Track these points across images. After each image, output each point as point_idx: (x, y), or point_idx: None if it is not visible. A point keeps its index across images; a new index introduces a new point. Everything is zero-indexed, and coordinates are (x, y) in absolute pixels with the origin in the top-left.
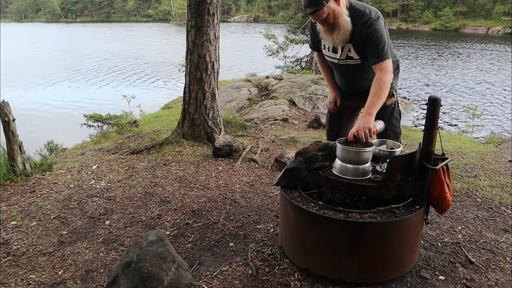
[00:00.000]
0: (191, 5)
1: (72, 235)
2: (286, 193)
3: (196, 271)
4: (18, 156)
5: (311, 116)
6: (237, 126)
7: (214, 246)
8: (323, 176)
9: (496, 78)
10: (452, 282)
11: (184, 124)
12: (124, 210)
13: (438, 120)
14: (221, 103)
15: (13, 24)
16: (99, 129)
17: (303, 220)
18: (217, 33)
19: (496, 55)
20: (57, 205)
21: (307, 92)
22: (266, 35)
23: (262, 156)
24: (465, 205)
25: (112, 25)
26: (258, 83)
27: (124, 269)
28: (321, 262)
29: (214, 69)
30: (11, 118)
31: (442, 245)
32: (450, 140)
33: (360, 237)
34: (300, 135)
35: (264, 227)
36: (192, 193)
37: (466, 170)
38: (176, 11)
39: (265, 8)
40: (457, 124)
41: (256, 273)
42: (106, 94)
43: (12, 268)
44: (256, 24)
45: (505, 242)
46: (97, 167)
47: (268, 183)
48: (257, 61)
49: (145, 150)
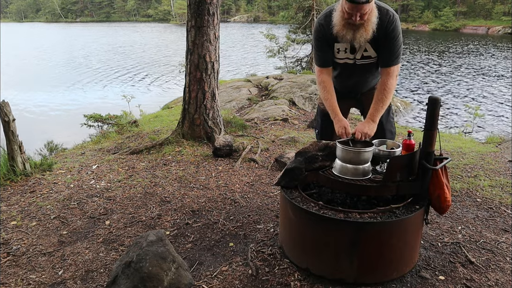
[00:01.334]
0: (191, 5)
1: (72, 235)
2: (286, 193)
3: (196, 271)
4: (18, 156)
5: (311, 116)
6: (237, 126)
7: (214, 246)
8: (323, 176)
9: (496, 78)
10: (452, 282)
11: (184, 124)
12: (124, 210)
13: (438, 120)
14: (221, 103)
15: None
16: (99, 129)
17: (303, 220)
18: (217, 33)
19: (496, 55)
20: (57, 205)
21: (307, 92)
22: (266, 35)
23: (262, 156)
24: (465, 205)
25: (113, 24)
26: (258, 83)
27: (124, 269)
28: (321, 262)
29: (214, 69)
30: (11, 118)
31: (442, 245)
32: (450, 140)
33: (360, 237)
34: (300, 135)
35: (264, 227)
36: (192, 193)
37: (466, 170)
38: (176, 11)
39: (265, 8)
40: (457, 124)
41: (256, 273)
42: (106, 94)
43: (12, 268)
44: (256, 24)
45: (505, 242)
46: (97, 167)
47: (268, 183)
48: (257, 61)
49: (145, 150)
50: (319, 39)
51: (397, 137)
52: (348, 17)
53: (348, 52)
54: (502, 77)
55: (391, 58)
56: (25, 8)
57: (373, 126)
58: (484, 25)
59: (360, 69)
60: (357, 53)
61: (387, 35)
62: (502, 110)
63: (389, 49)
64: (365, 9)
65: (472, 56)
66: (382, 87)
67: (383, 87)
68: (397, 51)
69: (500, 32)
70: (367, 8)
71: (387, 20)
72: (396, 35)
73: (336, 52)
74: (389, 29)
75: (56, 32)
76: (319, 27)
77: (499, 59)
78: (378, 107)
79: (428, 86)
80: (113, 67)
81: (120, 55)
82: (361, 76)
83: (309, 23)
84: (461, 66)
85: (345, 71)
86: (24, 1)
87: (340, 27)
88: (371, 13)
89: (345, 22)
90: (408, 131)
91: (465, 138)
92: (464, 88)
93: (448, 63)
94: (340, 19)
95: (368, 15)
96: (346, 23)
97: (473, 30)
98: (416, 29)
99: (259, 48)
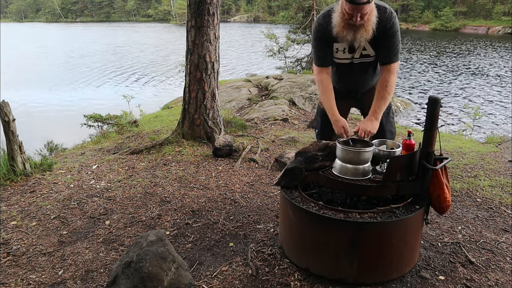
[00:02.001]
0: (191, 5)
1: (72, 235)
2: (286, 193)
3: (196, 271)
4: (18, 156)
5: (311, 116)
6: (237, 126)
7: (214, 246)
8: (323, 176)
9: (496, 78)
10: (452, 282)
11: (184, 124)
12: (124, 210)
13: (438, 120)
14: (221, 103)
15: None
16: (99, 129)
17: (303, 220)
18: (217, 33)
19: (496, 55)
20: (57, 205)
21: (307, 92)
22: (267, 35)
23: (262, 156)
24: (465, 205)
25: (113, 24)
26: (258, 83)
27: (124, 269)
28: (321, 262)
29: (214, 69)
30: (11, 118)
31: (442, 245)
32: (450, 140)
33: (360, 237)
34: (300, 135)
35: (264, 227)
36: (192, 193)
37: (466, 170)
38: (176, 11)
39: (265, 8)
40: (457, 124)
41: (256, 273)
42: (106, 94)
43: (12, 268)
44: (256, 24)
45: (505, 242)
46: (97, 167)
47: (268, 183)
48: (257, 61)
49: (145, 150)
50: (318, 39)
51: (397, 137)
52: (348, 17)
53: (346, 52)
54: (502, 77)
55: (391, 55)
56: (25, 8)
57: (376, 123)
58: (484, 25)
59: (359, 68)
60: (356, 52)
61: (386, 33)
62: (502, 110)
63: (388, 46)
64: (365, 9)
65: (472, 56)
66: (383, 84)
67: (384, 84)
68: (396, 48)
69: (500, 32)
70: (367, 8)
71: (385, 18)
72: (395, 32)
73: (335, 52)
74: (388, 27)
75: (56, 32)
76: (318, 27)
77: (499, 59)
78: (380, 104)
79: (428, 86)
80: (113, 67)
81: (120, 55)
82: (360, 75)
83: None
84: (461, 66)
85: (344, 70)
86: (24, 1)
87: (340, 28)
88: (371, 13)
89: (345, 23)
90: (408, 131)
91: (465, 138)
92: (464, 88)
93: (447, 63)
94: (340, 20)
95: (368, 15)
96: (347, 24)
97: (473, 30)
98: (416, 29)
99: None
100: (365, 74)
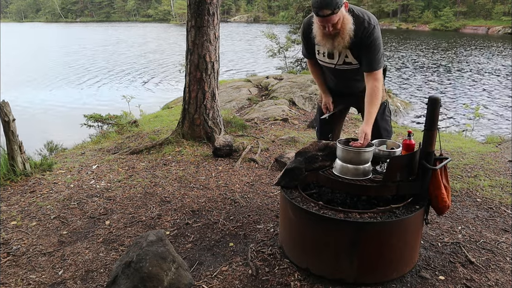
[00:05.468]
0: (191, 5)
1: (72, 235)
2: (286, 193)
3: (196, 271)
4: (18, 156)
5: (311, 116)
6: (237, 126)
7: (214, 246)
8: (323, 176)
9: (496, 78)
10: (452, 282)
11: (184, 124)
12: (124, 210)
13: (438, 120)
14: (221, 103)
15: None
16: (99, 129)
17: (303, 220)
18: (217, 33)
19: (496, 55)
20: (57, 205)
21: (307, 92)
22: (267, 34)
23: (262, 156)
24: (465, 205)
25: (113, 24)
26: (258, 83)
27: (124, 269)
28: (321, 262)
29: (214, 69)
30: (11, 118)
31: (442, 245)
32: (450, 140)
33: (360, 237)
34: (300, 135)
35: (264, 227)
36: (192, 193)
37: (466, 170)
38: (176, 11)
39: (265, 8)
40: (457, 124)
41: (256, 273)
42: (106, 94)
43: (12, 268)
44: (256, 24)
45: (505, 242)
46: (97, 167)
47: (268, 183)
48: (257, 61)
49: (145, 150)
50: (303, 37)
51: (397, 137)
52: (323, 28)
53: (326, 57)
54: (501, 77)
55: (372, 64)
56: (25, 8)
57: (370, 129)
58: (484, 25)
59: (343, 73)
60: (339, 59)
61: (363, 43)
62: (502, 110)
63: (368, 56)
64: (333, 19)
65: (472, 56)
66: (369, 91)
67: (369, 91)
68: (376, 57)
69: (500, 32)
70: (335, 18)
71: (362, 29)
72: (373, 42)
73: (317, 54)
74: (365, 37)
75: (56, 32)
76: (305, 26)
77: (499, 59)
78: (371, 110)
79: (427, 86)
80: (113, 67)
81: (120, 55)
82: (347, 79)
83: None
84: (461, 66)
85: (331, 73)
86: (24, 1)
87: (320, 37)
88: (344, 21)
89: (323, 33)
90: (408, 131)
91: (465, 138)
92: (464, 88)
93: (447, 63)
94: (319, 30)
95: (342, 23)
96: (323, 34)
97: (473, 30)
98: (416, 29)
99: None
100: (350, 80)
